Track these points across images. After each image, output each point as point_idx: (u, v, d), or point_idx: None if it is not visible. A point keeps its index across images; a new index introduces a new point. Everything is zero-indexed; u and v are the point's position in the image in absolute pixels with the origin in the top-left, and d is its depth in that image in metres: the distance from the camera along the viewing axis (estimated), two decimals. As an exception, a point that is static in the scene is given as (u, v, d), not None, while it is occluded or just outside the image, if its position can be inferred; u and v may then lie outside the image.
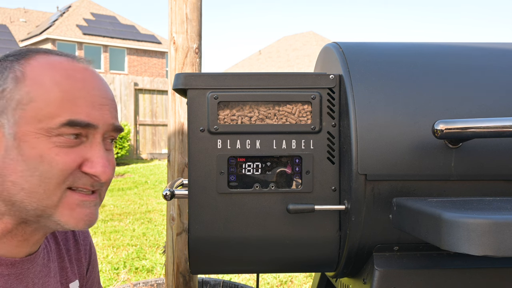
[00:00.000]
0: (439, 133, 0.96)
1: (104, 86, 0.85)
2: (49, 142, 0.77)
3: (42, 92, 0.77)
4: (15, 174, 0.76)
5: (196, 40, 2.13)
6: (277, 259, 1.14)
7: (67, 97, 0.78)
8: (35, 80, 0.78)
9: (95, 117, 0.80)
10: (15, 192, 0.77)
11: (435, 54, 1.16)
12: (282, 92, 1.10)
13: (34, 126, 0.76)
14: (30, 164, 0.76)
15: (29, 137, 0.76)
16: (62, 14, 27.82)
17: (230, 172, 1.10)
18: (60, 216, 0.80)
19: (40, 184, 0.77)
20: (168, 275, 2.25)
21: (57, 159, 0.77)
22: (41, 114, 0.76)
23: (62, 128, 0.77)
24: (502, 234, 0.73)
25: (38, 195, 0.77)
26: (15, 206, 0.78)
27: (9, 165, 0.77)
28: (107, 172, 0.81)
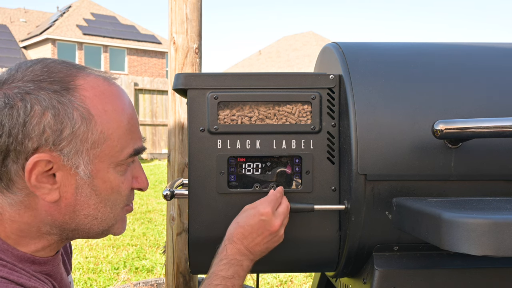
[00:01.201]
0: (439, 133, 0.96)
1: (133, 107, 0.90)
2: (115, 172, 0.83)
3: (113, 129, 0.81)
4: (88, 208, 0.82)
5: (196, 40, 2.13)
6: (277, 259, 1.14)
7: (128, 128, 0.84)
8: (102, 117, 0.80)
9: (141, 140, 0.89)
10: (87, 222, 0.84)
11: (435, 54, 1.16)
12: (282, 92, 1.10)
13: (107, 162, 0.81)
14: (102, 196, 0.83)
15: (101, 173, 0.81)
16: (62, 14, 27.82)
17: (230, 172, 1.10)
18: (116, 229, 0.89)
19: (111, 211, 0.85)
20: (168, 275, 2.26)
21: (123, 187, 0.85)
22: (114, 150, 0.82)
23: (129, 158, 0.84)
24: (502, 234, 0.73)
25: (108, 220, 0.86)
26: (78, 231, 0.85)
27: (82, 201, 0.81)
28: (148, 183, 0.92)
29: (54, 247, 0.87)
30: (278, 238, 1.03)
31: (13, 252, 0.81)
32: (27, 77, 0.77)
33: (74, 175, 0.79)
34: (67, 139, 0.77)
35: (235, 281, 0.97)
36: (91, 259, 3.99)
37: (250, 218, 1.01)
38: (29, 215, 0.80)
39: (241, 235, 1.00)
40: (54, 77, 0.78)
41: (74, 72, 0.81)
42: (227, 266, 0.97)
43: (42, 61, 0.81)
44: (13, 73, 0.79)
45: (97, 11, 29.11)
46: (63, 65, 0.81)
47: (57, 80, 0.78)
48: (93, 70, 0.85)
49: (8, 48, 25.69)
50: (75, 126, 0.77)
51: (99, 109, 0.79)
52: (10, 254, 0.80)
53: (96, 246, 4.40)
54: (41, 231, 0.82)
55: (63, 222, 0.82)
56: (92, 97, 0.79)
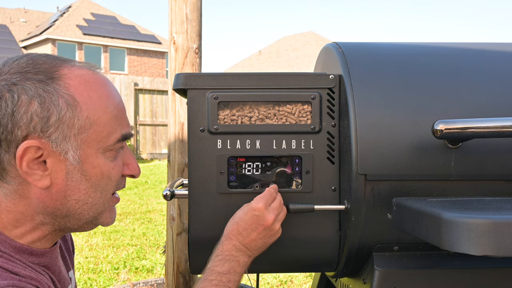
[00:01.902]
0: (438, 133, 0.96)
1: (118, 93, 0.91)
2: (104, 158, 0.85)
3: (100, 115, 0.83)
4: (79, 193, 0.84)
5: (196, 40, 2.13)
6: (277, 259, 1.14)
7: (114, 114, 0.86)
8: (87, 103, 0.82)
9: (128, 125, 0.90)
10: (77, 207, 0.85)
11: (435, 54, 1.16)
12: (282, 92, 1.10)
13: (95, 147, 0.84)
14: (93, 182, 0.85)
15: (90, 158, 0.83)
16: (62, 14, 27.81)
17: (230, 172, 1.10)
18: (104, 218, 0.90)
19: (101, 196, 0.87)
20: (168, 275, 2.26)
21: (113, 173, 0.87)
22: (101, 135, 0.84)
23: (117, 143, 0.86)
24: (502, 234, 0.73)
25: (97, 205, 0.87)
26: (69, 217, 0.86)
27: (73, 186, 0.83)
28: (139, 169, 0.94)
29: (49, 238, 0.88)
30: (274, 233, 1.04)
31: (11, 243, 0.83)
32: (13, 70, 0.80)
33: (64, 161, 0.81)
34: (54, 126, 0.79)
35: (230, 277, 0.98)
36: (91, 259, 3.99)
37: (244, 214, 1.03)
38: (23, 204, 0.82)
39: (236, 231, 1.02)
40: (39, 68, 0.81)
41: (59, 63, 0.84)
42: (222, 262, 0.99)
43: (27, 55, 0.85)
44: (1, 68, 0.82)
45: (97, 11, 29.10)
46: (48, 58, 0.84)
47: (42, 71, 0.81)
48: (76, 61, 0.87)
49: (8, 48, 25.69)
50: (61, 113, 0.79)
51: (84, 96, 0.82)
52: (8, 245, 0.82)
53: (96, 246, 4.40)
54: (35, 221, 0.84)
55: (55, 208, 0.84)
56: (77, 85, 0.82)
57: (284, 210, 1.06)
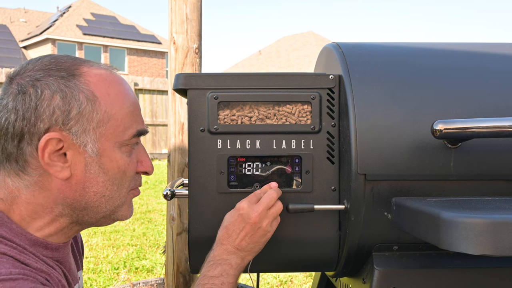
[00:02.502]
0: (438, 133, 0.96)
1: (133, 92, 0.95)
2: (120, 153, 0.89)
3: (117, 110, 0.88)
4: (97, 185, 0.88)
5: (196, 40, 2.13)
6: (277, 259, 1.14)
7: (131, 110, 0.90)
8: (106, 99, 0.87)
9: (143, 123, 0.95)
10: (96, 199, 0.89)
11: (435, 54, 1.17)
12: (282, 92, 1.10)
13: (112, 141, 0.88)
14: (110, 175, 0.88)
15: (108, 152, 0.87)
16: (62, 14, 27.81)
17: (230, 172, 1.10)
18: (122, 212, 0.93)
19: (117, 189, 0.90)
20: (168, 275, 2.26)
21: (129, 168, 0.91)
22: (118, 129, 0.88)
23: (133, 138, 0.90)
24: (500, 233, 0.73)
25: (114, 199, 0.91)
26: (88, 210, 0.89)
27: (92, 178, 0.87)
28: (152, 167, 0.97)
29: (65, 232, 0.91)
30: (263, 230, 1.03)
31: (27, 236, 0.85)
32: (37, 67, 0.85)
33: (83, 153, 0.85)
34: (75, 119, 0.84)
35: (223, 279, 0.99)
36: (91, 259, 4.00)
37: (231, 217, 1.05)
38: (43, 196, 0.86)
39: (226, 235, 1.04)
40: (61, 65, 0.86)
41: (79, 62, 0.88)
42: (214, 266, 1.01)
43: (50, 55, 0.90)
44: (25, 66, 0.87)
45: (97, 11, 29.10)
46: (69, 57, 0.89)
47: (63, 68, 0.86)
48: (95, 62, 0.91)
49: (8, 48, 25.68)
50: (81, 107, 0.84)
51: (102, 92, 0.86)
52: (23, 237, 0.85)
53: (96, 246, 4.40)
54: (53, 213, 0.87)
55: (74, 199, 0.87)
56: (96, 82, 0.87)
57: (278, 205, 1.05)
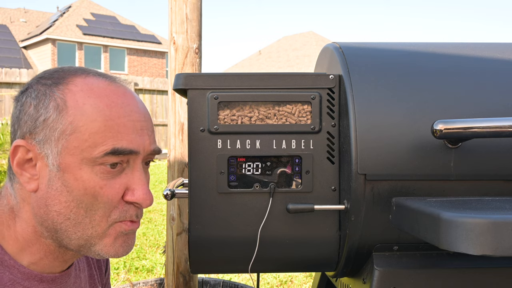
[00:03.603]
0: (438, 133, 0.96)
1: (143, 109, 0.84)
2: (92, 173, 0.77)
3: (85, 122, 0.77)
4: (59, 204, 0.78)
5: (196, 40, 2.13)
6: (277, 259, 1.14)
7: (109, 125, 0.78)
8: (77, 109, 0.77)
9: (136, 143, 0.80)
10: (60, 221, 0.79)
11: (435, 54, 1.17)
12: (282, 92, 1.10)
13: (77, 157, 0.77)
14: (75, 196, 0.77)
15: (72, 168, 0.77)
16: (62, 14, 27.80)
17: (230, 172, 1.10)
18: (102, 247, 0.81)
19: (85, 215, 0.78)
20: (168, 275, 2.26)
21: (101, 192, 0.78)
22: (84, 144, 0.77)
23: (106, 157, 0.77)
24: (501, 233, 0.73)
25: (83, 225, 0.79)
26: (59, 233, 0.80)
27: (53, 195, 0.78)
28: (149, 198, 0.81)
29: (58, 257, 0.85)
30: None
31: (20, 269, 0.81)
32: (39, 75, 0.83)
33: (46, 166, 0.78)
34: (40, 127, 0.78)
35: None
36: (91, 259, 3.99)
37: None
38: (25, 210, 0.81)
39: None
40: (55, 74, 0.81)
41: (79, 72, 0.82)
42: None
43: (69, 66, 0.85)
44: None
45: (97, 11, 29.10)
46: (77, 68, 0.84)
47: (55, 77, 0.81)
48: (102, 73, 0.85)
49: (8, 48, 25.68)
50: (47, 115, 0.78)
51: (77, 102, 0.78)
52: (16, 271, 0.80)
53: (96, 246, 4.40)
54: (37, 232, 0.82)
55: (41, 217, 0.80)
56: (77, 91, 0.79)
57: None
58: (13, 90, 10.34)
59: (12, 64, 22.58)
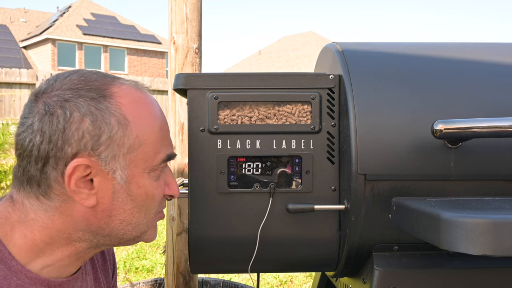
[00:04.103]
0: (438, 133, 0.96)
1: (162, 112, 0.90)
2: (149, 178, 0.84)
3: (148, 135, 0.83)
4: (124, 213, 0.83)
5: (196, 40, 2.13)
6: (277, 259, 1.14)
7: (161, 134, 0.86)
8: (138, 123, 0.81)
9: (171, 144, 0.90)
10: (121, 227, 0.84)
11: (435, 55, 1.17)
12: (282, 92, 1.10)
13: (141, 167, 0.82)
14: (137, 202, 0.83)
15: (136, 178, 0.82)
16: (62, 14, 27.81)
17: (230, 172, 1.10)
18: (147, 236, 0.89)
19: (145, 216, 0.86)
20: (168, 275, 2.26)
21: (156, 193, 0.86)
22: (148, 155, 0.83)
23: (162, 163, 0.85)
24: (501, 233, 0.73)
25: (141, 225, 0.86)
26: (111, 236, 0.85)
27: (118, 206, 0.82)
28: (178, 191, 0.92)
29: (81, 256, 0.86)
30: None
31: (27, 274, 0.81)
32: (66, 86, 0.80)
33: (111, 180, 0.80)
34: (105, 144, 0.78)
35: None
36: (91, 259, 3.99)
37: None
38: (62, 221, 0.81)
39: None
40: (91, 85, 0.80)
41: (109, 81, 0.83)
42: None
43: (78, 71, 0.84)
44: (52, 83, 0.81)
45: (97, 11, 29.10)
46: (98, 75, 0.84)
47: (94, 88, 0.80)
48: (125, 80, 0.86)
49: (8, 48, 25.68)
50: (112, 131, 0.78)
51: (134, 115, 0.81)
52: (24, 276, 0.80)
53: (96, 246, 4.40)
54: (71, 238, 0.83)
55: (98, 227, 0.83)
56: (127, 103, 0.81)
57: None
58: (13, 90, 10.33)
59: (12, 64, 22.57)
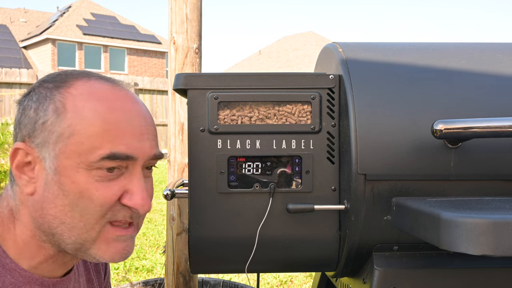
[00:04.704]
0: (438, 133, 0.96)
1: (145, 114, 0.83)
2: (89, 176, 0.76)
3: (84, 125, 0.76)
4: (55, 208, 0.77)
5: (196, 40, 2.13)
6: (277, 259, 1.14)
7: (107, 129, 0.77)
8: (76, 112, 0.77)
9: (135, 148, 0.79)
10: (55, 225, 0.78)
11: (435, 54, 1.17)
12: (282, 92, 1.10)
13: (74, 160, 0.76)
14: (70, 199, 0.76)
15: (69, 172, 0.76)
16: (62, 14, 27.80)
17: (230, 172, 1.10)
18: (97, 250, 0.80)
19: (80, 219, 0.77)
20: (168, 275, 2.26)
21: (97, 195, 0.76)
22: (82, 148, 0.76)
23: (102, 161, 0.76)
24: (501, 233, 0.73)
25: (78, 229, 0.78)
26: (55, 237, 0.79)
27: (49, 199, 0.77)
28: (146, 204, 0.80)
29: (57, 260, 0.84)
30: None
31: (21, 273, 0.80)
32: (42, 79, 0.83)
33: (44, 169, 0.78)
34: (38, 130, 0.77)
35: None
36: (91, 259, 3.99)
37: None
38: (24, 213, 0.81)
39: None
40: (57, 78, 0.81)
41: (81, 76, 0.82)
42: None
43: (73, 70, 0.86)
44: None
45: (97, 11, 29.10)
46: (80, 72, 0.83)
47: (57, 80, 0.81)
48: (105, 77, 0.84)
49: (8, 48, 25.67)
50: (45, 118, 0.77)
51: (76, 106, 0.77)
52: (17, 274, 0.80)
53: (96, 246, 4.40)
54: (35, 236, 0.81)
55: (37, 220, 0.79)
56: (77, 94, 0.78)
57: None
58: (13, 90, 10.33)
59: (12, 64, 22.57)
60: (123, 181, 0.79)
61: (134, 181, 0.79)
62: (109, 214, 0.78)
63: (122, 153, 0.77)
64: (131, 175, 0.79)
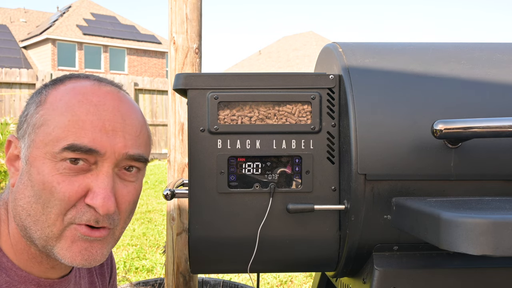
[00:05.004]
0: (438, 133, 0.96)
1: (125, 111, 0.80)
2: (54, 168, 0.74)
3: (53, 116, 0.75)
4: (24, 199, 0.76)
5: (196, 40, 2.13)
6: (277, 259, 1.14)
7: (74, 120, 0.75)
8: (51, 104, 0.77)
9: (101, 143, 0.75)
10: (24, 217, 0.76)
11: (435, 54, 1.17)
12: (282, 92, 1.10)
13: (42, 150, 0.75)
14: (35, 190, 0.74)
15: (37, 162, 0.75)
16: (62, 14, 27.80)
17: (230, 172, 1.10)
18: (59, 249, 0.76)
19: (43, 211, 0.74)
20: (168, 275, 2.26)
21: (58, 188, 0.73)
22: (48, 138, 0.75)
23: (64, 152, 0.73)
24: (501, 233, 0.73)
25: (41, 223, 0.75)
26: (26, 230, 0.77)
27: (21, 189, 0.76)
28: (107, 205, 0.75)
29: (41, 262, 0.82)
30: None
31: (17, 272, 0.80)
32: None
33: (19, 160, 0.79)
34: (22, 123, 0.80)
35: None
36: (91, 259, 3.99)
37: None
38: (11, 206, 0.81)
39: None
40: (58, 78, 0.84)
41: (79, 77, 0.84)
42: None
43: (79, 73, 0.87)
44: None
45: (97, 11, 29.10)
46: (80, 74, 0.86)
47: (57, 80, 0.83)
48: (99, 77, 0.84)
49: (8, 48, 25.68)
50: (28, 110, 0.80)
51: (55, 98, 0.78)
52: (14, 273, 0.79)
53: (96, 246, 4.39)
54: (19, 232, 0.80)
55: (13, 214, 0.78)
56: (62, 89, 0.80)
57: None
58: (13, 90, 10.33)
59: (12, 64, 22.58)
60: (89, 178, 0.76)
61: (99, 179, 0.76)
62: (72, 213, 0.75)
63: (83, 145, 0.74)
64: (98, 172, 0.76)
